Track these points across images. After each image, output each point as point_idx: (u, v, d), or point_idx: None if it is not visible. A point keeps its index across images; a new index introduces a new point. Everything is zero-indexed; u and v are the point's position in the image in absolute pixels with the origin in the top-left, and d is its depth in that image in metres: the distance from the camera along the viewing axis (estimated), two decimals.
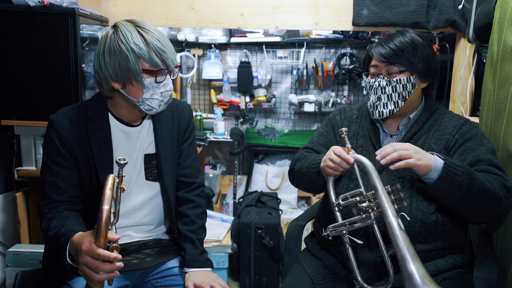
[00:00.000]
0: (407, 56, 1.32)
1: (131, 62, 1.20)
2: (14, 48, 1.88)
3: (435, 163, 1.18)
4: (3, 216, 2.05)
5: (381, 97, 1.35)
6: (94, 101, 1.34)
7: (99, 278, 1.03)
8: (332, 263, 1.38)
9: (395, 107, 1.35)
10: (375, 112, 1.38)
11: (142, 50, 1.19)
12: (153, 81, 1.23)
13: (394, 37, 1.34)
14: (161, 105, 1.29)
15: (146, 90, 1.24)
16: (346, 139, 1.28)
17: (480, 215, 1.24)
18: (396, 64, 1.33)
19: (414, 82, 1.34)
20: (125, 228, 1.38)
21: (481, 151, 1.28)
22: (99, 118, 1.30)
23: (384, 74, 1.35)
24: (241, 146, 3.33)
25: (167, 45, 1.24)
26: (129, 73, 1.21)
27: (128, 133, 1.34)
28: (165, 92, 1.27)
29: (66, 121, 1.26)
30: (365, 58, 1.43)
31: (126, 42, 1.19)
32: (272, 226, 2.46)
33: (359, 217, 1.20)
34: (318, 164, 1.35)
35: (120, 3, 2.26)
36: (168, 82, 1.27)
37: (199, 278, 1.34)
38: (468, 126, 1.35)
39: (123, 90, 1.26)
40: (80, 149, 1.27)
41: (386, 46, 1.33)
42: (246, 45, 3.37)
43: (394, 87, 1.34)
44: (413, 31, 1.37)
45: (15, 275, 1.84)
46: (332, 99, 3.37)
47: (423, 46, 1.34)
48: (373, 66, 1.37)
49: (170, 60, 1.24)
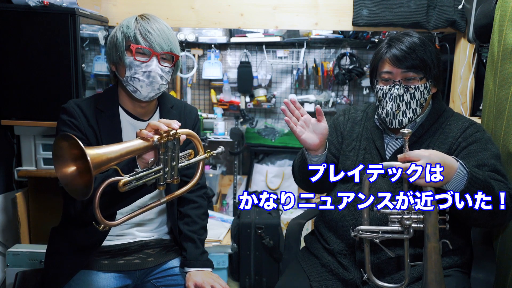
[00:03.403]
0: (421, 56, 1.28)
1: (118, 40, 1.29)
2: (14, 48, 1.88)
3: (455, 176, 1.12)
4: (3, 216, 2.05)
5: (400, 106, 1.31)
6: (105, 94, 1.40)
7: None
8: (329, 262, 1.39)
9: (413, 114, 1.32)
10: (394, 122, 1.33)
11: (129, 29, 1.28)
12: (133, 59, 1.27)
13: (403, 38, 1.31)
14: (143, 86, 1.29)
15: (128, 69, 1.29)
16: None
17: (485, 223, 1.23)
18: (412, 70, 1.29)
19: (429, 88, 1.32)
20: (129, 226, 1.40)
21: (485, 156, 1.25)
22: (109, 110, 1.35)
23: (400, 81, 1.31)
24: (241, 146, 3.33)
25: (157, 28, 1.28)
26: (115, 51, 1.30)
27: (137, 127, 1.36)
28: (148, 72, 1.28)
29: (78, 109, 1.31)
30: (374, 64, 1.38)
31: (122, 25, 1.31)
32: (272, 226, 2.46)
33: (396, 229, 1.16)
34: (303, 150, 1.40)
35: (120, 3, 2.26)
36: (152, 64, 1.28)
37: (200, 278, 1.35)
38: (473, 129, 1.32)
39: (116, 71, 1.34)
40: (91, 136, 1.31)
41: (398, 47, 1.29)
42: (246, 45, 3.37)
43: (412, 94, 1.30)
44: (417, 33, 1.35)
45: (15, 275, 1.84)
46: (332, 99, 3.37)
47: (430, 45, 1.32)
48: (387, 72, 1.32)
49: (156, 43, 1.27)
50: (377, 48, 1.38)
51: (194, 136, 1.21)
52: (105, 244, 1.36)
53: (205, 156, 1.23)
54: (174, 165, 1.14)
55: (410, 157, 1.10)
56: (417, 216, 1.14)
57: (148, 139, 1.09)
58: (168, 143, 1.10)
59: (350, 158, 1.44)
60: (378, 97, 1.36)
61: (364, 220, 1.21)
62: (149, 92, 1.31)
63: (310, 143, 1.33)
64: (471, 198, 1.12)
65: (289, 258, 1.57)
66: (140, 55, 1.28)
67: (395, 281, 1.26)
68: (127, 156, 1.06)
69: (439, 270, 1.11)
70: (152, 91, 1.31)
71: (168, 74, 1.33)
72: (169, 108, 1.46)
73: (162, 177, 1.12)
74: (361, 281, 1.30)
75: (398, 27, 2.17)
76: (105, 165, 1.00)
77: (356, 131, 1.47)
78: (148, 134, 1.09)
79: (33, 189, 2.10)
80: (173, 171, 1.14)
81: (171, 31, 1.32)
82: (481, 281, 1.29)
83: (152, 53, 1.27)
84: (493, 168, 1.23)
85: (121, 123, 1.36)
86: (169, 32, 1.31)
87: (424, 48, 1.30)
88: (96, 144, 1.30)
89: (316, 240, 1.49)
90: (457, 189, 1.12)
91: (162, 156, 1.11)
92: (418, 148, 1.33)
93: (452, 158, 1.14)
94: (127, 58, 1.28)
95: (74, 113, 1.30)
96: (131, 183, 1.07)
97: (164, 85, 1.33)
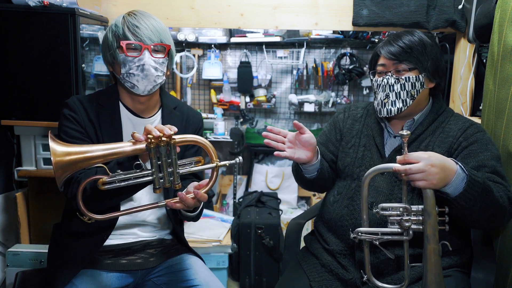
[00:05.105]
0: (416, 55, 1.30)
1: (109, 40, 1.32)
2: (14, 48, 1.88)
3: (454, 179, 1.12)
4: (3, 216, 2.05)
5: (389, 95, 1.32)
6: (107, 90, 1.43)
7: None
8: (329, 262, 1.39)
9: (403, 105, 1.32)
10: (383, 110, 1.35)
11: (118, 27, 1.31)
12: (125, 55, 1.29)
13: (403, 36, 1.33)
14: (139, 80, 1.31)
15: (122, 66, 1.31)
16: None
17: (483, 225, 1.23)
18: (404, 62, 1.31)
19: (423, 81, 1.32)
20: (131, 225, 1.41)
21: (485, 156, 1.24)
22: (110, 106, 1.37)
23: (392, 72, 1.33)
24: (241, 146, 3.33)
25: (145, 22, 1.30)
26: (108, 50, 1.33)
27: (136, 124, 1.37)
28: (141, 66, 1.30)
29: (79, 103, 1.35)
30: (372, 57, 1.41)
31: (111, 25, 1.34)
32: (272, 226, 2.46)
33: (396, 230, 1.17)
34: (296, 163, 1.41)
35: (120, 3, 2.26)
36: (144, 57, 1.30)
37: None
38: (473, 129, 1.32)
39: (113, 71, 1.36)
40: (91, 131, 1.33)
41: (395, 44, 1.31)
42: (246, 45, 3.37)
43: (402, 85, 1.31)
44: (421, 31, 1.36)
45: (15, 275, 1.84)
46: (332, 99, 3.37)
47: (431, 46, 1.33)
48: (381, 64, 1.35)
49: (145, 36, 1.29)
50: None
51: (201, 143, 1.15)
52: (107, 244, 1.37)
53: (214, 166, 1.17)
54: (172, 171, 1.13)
55: (410, 159, 1.10)
56: (417, 218, 1.14)
57: (137, 142, 1.10)
58: (160, 148, 1.10)
59: (349, 155, 1.44)
60: (374, 90, 1.39)
61: (363, 222, 1.21)
62: (146, 86, 1.32)
63: (304, 158, 1.34)
64: (469, 201, 1.12)
65: (289, 258, 1.58)
66: (131, 51, 1.30)
67: (395, 281, 1.26)
68: (113, 157, 1.10)
69: (438, 271, 1.11)
70: (149, 84, 1.32)
71: (163, 65, 1.35)
72: (172, 109, 1.46)
73: (157, 181, 1.12)
74: (360, 281, 1.30)
75: (398, 27, 2.17)
76: (82, 163, 1.07)
77: (356, 128, 1.48)
78: (139, 137, 1.10)
79: (33, 189, 2.10)
80: (171, 176, 1.13)
81: (160, 23, 1.34)
82: (481, 281, 1.29)
83: (143, 46, 1.29)
84: (493, 169, 1.22)
85: (121, 119, 1.37)
86: (157, 24, 1.33)
87: (422, 48, 1.31)
88: (95, 138, 1.33)
89: (316, 240, 1.49)
90: (456, 191, 1.12)
91: (154, 161, 1.11)
92: (417, 146, 1.33)
93: (452, 160, 1.13)
94: (119, 55, 1.31)
95: (75, 107, 1.33)
96: (113, 184, 1.10)
97: (160, 77, 1.34)
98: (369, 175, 1.17)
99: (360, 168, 1.39)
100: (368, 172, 1.17)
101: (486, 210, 1.15)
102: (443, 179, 1.10)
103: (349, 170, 1.42)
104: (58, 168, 1.04)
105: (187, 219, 1.38)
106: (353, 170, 1.41)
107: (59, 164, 1.04)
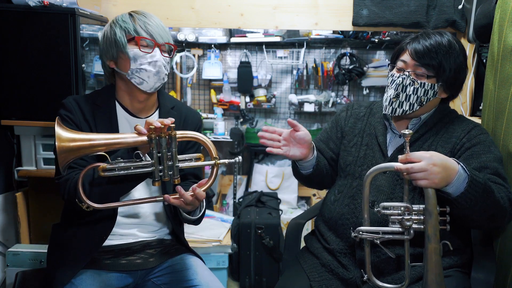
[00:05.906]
0: (440, 58, 1.27)
1: (117, 35, 1.31)
2: (14, 48, 1.88)
3: (456, 179, 1.12)
4: (3, 216, 2.05)
5: (399, 95, 1.31)
6: (103, 90, 1.43)
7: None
8: (329, 261, 1.39)
9: (409, 108, 1.31)
10: (389, 108, 1.34)
11: (127, 23, 1.31)
12: (138, 51, 1.30)
13: (432, 36, 1.30)
14: (150, 76, 1.32)
15: (133, 61, 1.31)
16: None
17: (483, 225, 1.23)
18: (425, 67, 1.28)
19: (437, 90, 1.30)
20: (130, 226, 1.41)
21: (488, 158, 1.24)
22: (106, 105, 1.38)
23: (410, 72, 1.30)
24: (241, 146, 3.33)
25: (154, 21, 1.33)
26: (116, 46, 1.31)
27: (133, 124, 1.37)
28: (154, 62, 1.31)
29: (75, 104, 1.35)
30: (396, 50, 1.37)
31: (116, 21, 1.34)
32: (272, 226, 2.46)
33: (397, 230, 1.16)
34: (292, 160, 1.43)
35: (120, 3, 2.26)
36: (156, 54, 1.32)
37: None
38: (477, 131, 1.31)
39: (117, 67, 1.35)
40: (87, 131, 1.33)
41: (422, 42, 1.28)
42: (246, 45, 3.37)
43: (416, 89, 1.29)
44: (452, 36, 1.32)
45: (15, 275, 1.84)
46: (332, 99, 3.37)
47: (458, 53, 1.29)
48: (403, 61, 1.32)
49: (157, 34, 1.31)
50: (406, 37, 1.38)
51: (201, 140, 1.17)
52: (107, 244, 1.37)
53: (214, 163, 1.17)
54: (171, 164, 1.14)
55: (412, 159, 1.10)
56: (418, 217, 1.14)
57: (139, 133, 1.13)
58: (161, 140, 1.12)
59: (351, 153, 1.44)
60: (387, 84, 1.37)
61: (364, 221, 1.21)
62: (155, 82, 1.35)
63: (299, 155, 1.36)
64: (470, 201, 1.12)
65: (289, 258, 1.57)
66: (143, 47, 1.32)
67: (395, 281, 1.26)
68: (115, 146, 1.13)
69: (439, 271, 1.11)
70: (158, 81, 1.35)
71: (168, 65, 1.39)
72: (170, 109, 1.46)
73: (156, 173, 1.13)
74: (361, 281, 1.30)
75: (398, 27, 2.17)
76: (85, 150, 1.11)
77: (358, 127, 1.47)
78: (141, 130, 1.13)
79: (33, 189, 2.10)
80: (171, 170, 1.14)
81: (159, 21, 1.38)
82: (481, 281, 1.29)
83: (155, 44, 1.32)
84: (495, 171, 1.23)
85: (117, 118, 1.38)
86: (163, 25, 1.36)
87: (448, 51, 1.27)
88: None
89: (316, 240, 1.49)
90: (457, 191, 1.12)
91: (154, 152, 1.12)
92: (420, 145, 1.33)
93: (453, 160, 1.13)
94: (130, 50, 1.31)
95: (71, 107, 1.34)
96: (113, 171, 1.13)
97: (166, 75, 1.38)
98: (371, 174, 1.17)
99: (362, 167, 1.39)
100: (370, 171, 1.17)
101: (486, 210, 1.15)
102: (445, 179, 1.10)
103: (351, 169, 1.42)
104: (62, 152, 1.07)
105: (188, 221, 1.37)
106: (355, 169, 1.41)
107: (63, 148, 1.07)
